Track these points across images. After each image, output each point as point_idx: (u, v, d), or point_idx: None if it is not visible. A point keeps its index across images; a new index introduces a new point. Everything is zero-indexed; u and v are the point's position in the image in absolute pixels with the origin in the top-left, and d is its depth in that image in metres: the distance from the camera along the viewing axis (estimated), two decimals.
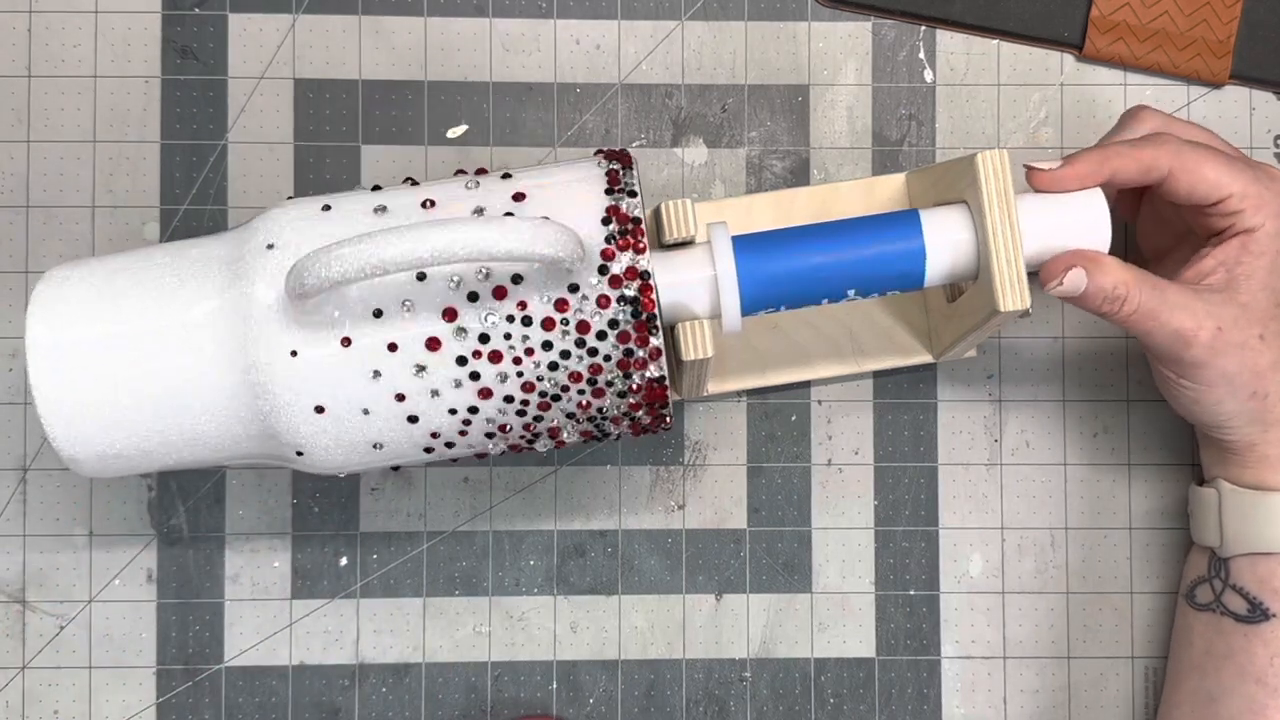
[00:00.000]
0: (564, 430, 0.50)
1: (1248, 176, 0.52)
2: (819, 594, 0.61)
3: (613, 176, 0.49)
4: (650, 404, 0.49)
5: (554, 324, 0.47)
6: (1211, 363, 0.52)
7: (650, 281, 0.47)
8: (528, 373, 0.47)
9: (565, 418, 0.49)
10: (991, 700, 0.61)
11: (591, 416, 0.49)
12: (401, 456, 0.50)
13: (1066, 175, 0.52)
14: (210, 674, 0.59)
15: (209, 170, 0.60)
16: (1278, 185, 0.53)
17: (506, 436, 0.49)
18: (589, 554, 0.60)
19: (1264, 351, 0.52)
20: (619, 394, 0.48)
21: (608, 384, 0.48)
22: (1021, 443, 0.61)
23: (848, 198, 0.59)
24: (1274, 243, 0.52)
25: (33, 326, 0.48)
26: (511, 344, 0.47)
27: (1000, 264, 0.50)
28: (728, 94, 0.61)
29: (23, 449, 0.60)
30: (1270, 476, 0.54)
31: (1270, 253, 0.52)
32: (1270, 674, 0.54)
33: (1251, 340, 0.52)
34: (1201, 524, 0.57)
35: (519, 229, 0.43)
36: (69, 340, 0.47)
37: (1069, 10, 0.61)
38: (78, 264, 0.50)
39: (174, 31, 0.60)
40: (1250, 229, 0.52)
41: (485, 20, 0.61)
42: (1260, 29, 0.61)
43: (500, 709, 0.60)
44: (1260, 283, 0.52)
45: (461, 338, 0.47)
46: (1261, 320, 0.52)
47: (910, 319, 0.60)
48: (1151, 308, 0.51)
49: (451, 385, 0.47)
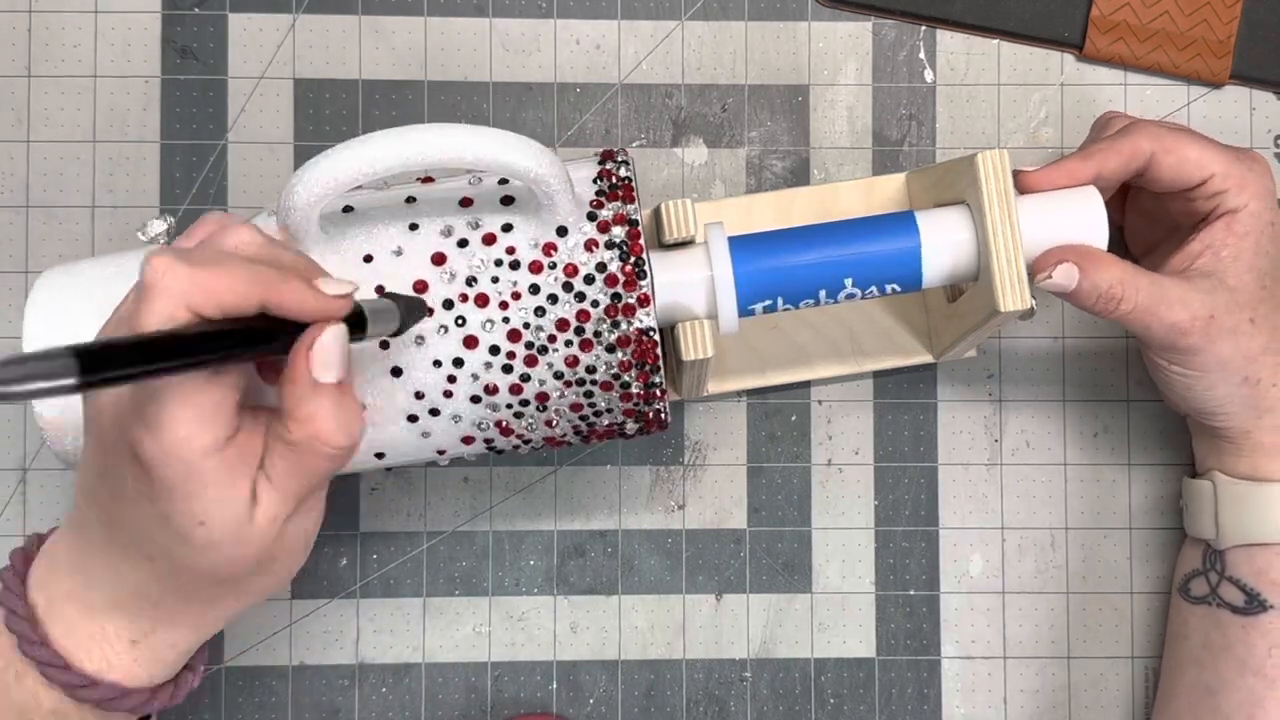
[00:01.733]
0: (551, 399, 0.49)
1: (1229, 157, 0.52)
2: (819, 594, 0.61)
3: (606, 155, 0.50)
4: (640, 364, 0.49)
5: (541, 267, 0.47)
6: (1206, 348, 0.52)
7: (638, 228, 0.48)
8: (514, 319, 0.47)
9: (553, 378, 0.48)
10: (992, 700, 0.61)
11: (581, 379, 0.48)
12: (387, 424, 0.48)
13: (1054, 172, 0.52)
14: (210, 674, 0.59)
15: (209, 170, 0.60)
16: (1259, 167, 0.53)
17: (494, 404, 0.49)
18: (589, 554, 0.60)
19: (1255, 336, 0.52)
20: (607, 348, 0.48)
21: (595, 335, 0.48)
22: (1021, 443, 0.61)
23: (847, 198, 0.59)
24: (1257, 222, 0.52)
25: (30, 326, 0.48)
26: (499, 288, 0.47)
27: (1000, 264, 0.50)
28: (728, 94, 0.61)
29: (22, 449, 0.60)
30: (1266, 465, 0.54)
31: (1254, 233, 0.52)
32: (1269, 665, 0.53)
33: (1243, 325, 0.52)
34: (1196, 517, 0.57)
35: (501, 135, 0.45)
36: (68, 339, 0.47)
37: (1069, 10, 0.61)
38: (76, 264, 0.50)
39: (174, 31, 0.60)
40: (1234, 209, 0.52)
41: (485, 20, 0.61)
42: (1260, 29, 0.61)
43: (500, 709, 0.60)
44: (1246, 264, 0.52)
45: (449, 280, 0.47)
46: (1251, 304, 0.52)
47: (910, 319, 0.60)
48: (1149, 304, 0.51)
49: (437, 331, 0.47)
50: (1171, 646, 0.58)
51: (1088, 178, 0.52)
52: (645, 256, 0.48)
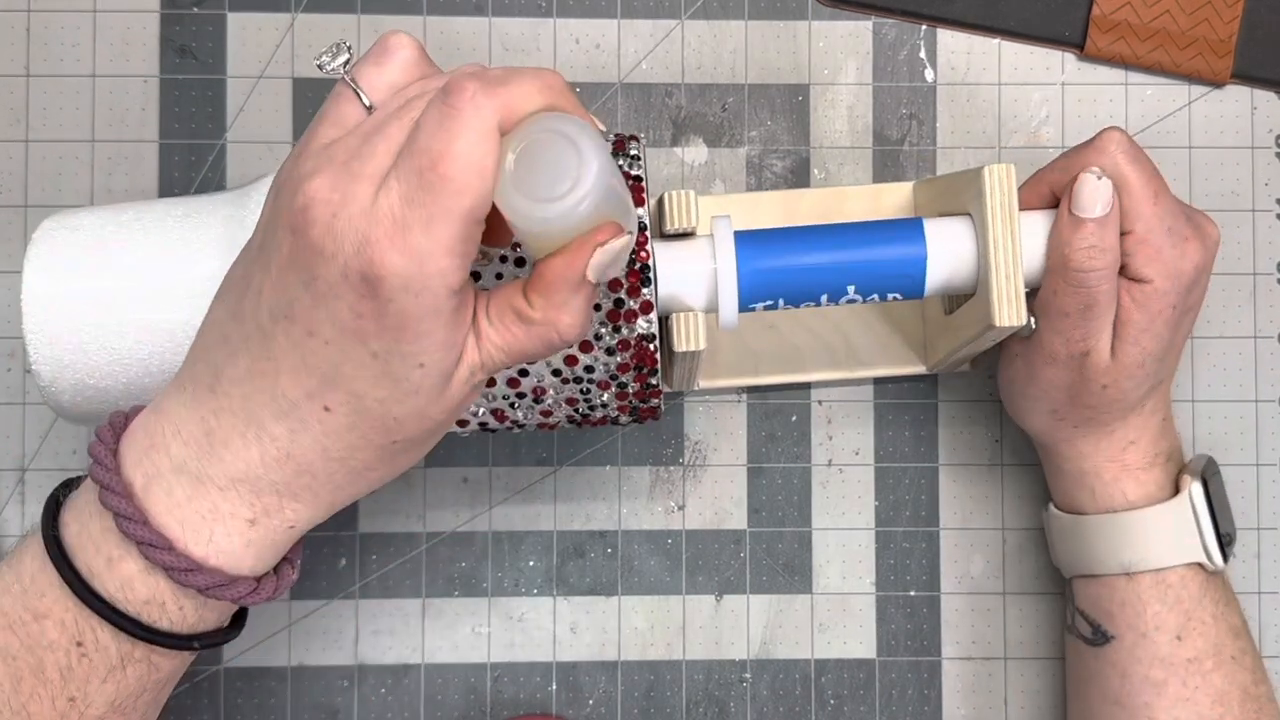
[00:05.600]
0: (549, 393, 0.49)
1: (1161, 226, 0.50)
2: (819, 595, 0.60)
3: (619, 144, 0.50)
4: (638, 367, 0.49)
5: None
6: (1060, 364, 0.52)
7: (646, 234, 0.47)
8: None
9: (551, 375, 0.48)
10: (992, 701, 0.61)
11: (579, 377, 0.48)
12: None
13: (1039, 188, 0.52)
14: (209, 675, 0.59)
15: (208, 170, 0.60)
16: (1191, 246, 0.50)
17: (491, 394, 0.49)
18: (589, 554, 0.60)
19: (1091, 390, 0.52)
20: (607, 350, 0.48)
21: (595, 337, 0.48)
22: (1022, 443, 0.61)
23: (854, 202, 0.59)
24: (1159, 301, 0.50)
25: (30, 275, 0.48)
26: (501, 282, 0.47)
27: (999, 279, 0.50)
28: (728, 93, 0.61)
29: (22, 449, 0.59)
30: (1081, 499, 0.55)
31: (1151, 310, 0.50)
32: (1125, 694, 0.53)
33: (1095, 380, 0.52)
34: (1050, 546, 0.58)
35: None
36: (67, 290, 0.48)
37: (1070, 9, 0.61)
38: (75, 214, 0.50)
39: (173, 31, 0.60)
40: (1139, 279, 0.50)
41: (485, 19, 0.61)
42: (1261, 28, 0.61)
43: (499, 710, 0.60)
44: (1132, 337, 0.51)
45: None
46: (1114, 373, 0.51)
47: (906, 328, 0.59)
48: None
49: None
50: (1066, 675, 0.59)
51: (1043, 203, 0.52)
52: (651, 263, 0.48)
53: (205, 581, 0.40)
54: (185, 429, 0.40)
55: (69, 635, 0.41)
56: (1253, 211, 0.61)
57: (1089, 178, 0.49)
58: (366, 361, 0.38)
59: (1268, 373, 0.61)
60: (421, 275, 0.36)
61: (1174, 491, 0.54)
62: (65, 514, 0.42)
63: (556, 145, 0.37)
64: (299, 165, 0.38)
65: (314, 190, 0.37)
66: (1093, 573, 0.54)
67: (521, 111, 0.37)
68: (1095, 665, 0.55)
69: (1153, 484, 0.54)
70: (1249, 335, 0.61)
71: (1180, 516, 0.53)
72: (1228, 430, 0.61)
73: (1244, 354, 0.61)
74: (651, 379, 0.49)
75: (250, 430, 0.40)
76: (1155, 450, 0.54)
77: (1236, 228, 0.61)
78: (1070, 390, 0.52)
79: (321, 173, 0.37)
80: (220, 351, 0.40)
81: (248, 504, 0.40)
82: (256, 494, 0.40)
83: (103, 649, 0.41)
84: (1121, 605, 0.53)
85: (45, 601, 0.41)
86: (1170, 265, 0.50)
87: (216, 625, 0.43)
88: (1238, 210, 0.61)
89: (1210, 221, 0.52)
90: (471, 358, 0.39)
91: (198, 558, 0.40)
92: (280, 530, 0.41)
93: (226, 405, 0.40)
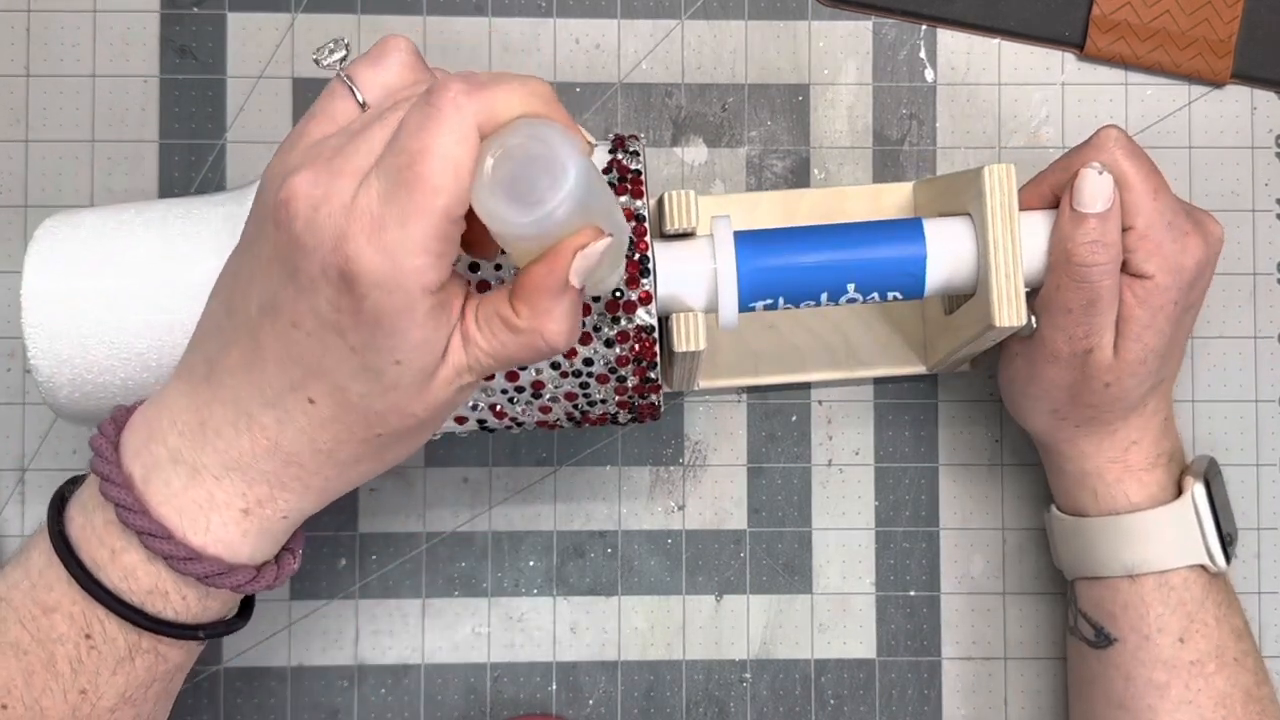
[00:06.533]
0: (547, 387, 0.49)
1: (1161, 221, 0.50)
2: (819, 595, 0.60)
3: (619, 141, 0.50)
4: (638, 360, 0.49)
5: None
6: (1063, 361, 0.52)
7: (645, 225, 0.47)
8: None
9: (550, 368, 0.48)
10: (992, 701, 0.61)
11: (578, 370, 0.48)
12: None
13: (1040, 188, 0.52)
14: (209, 675, 0.59)
15: (208, 170, 0.60)
16: (1193, 242, 0.50)
17: (489, 389, 0.49)
18: (589, 555, 0.60)
19: (1093, 389, 0.52)
20: (606, 342, 0.48)
21: (595, 329, 0.48)
22: (1022, 443, 0.61)
23: (854, 203, 0.59)
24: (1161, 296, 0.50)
25: (30, 274, 0.48)
26: (501, 274, 0.47)
27: (999, 279, 0.50)
28: (728, 93, 0.61)
29: (22, 449, 0.59)
30: (1083, 500, 0.55)
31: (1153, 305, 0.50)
32: (1128, 697, 0.53)
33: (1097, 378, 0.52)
34: (1052, 548, 0.58)
35: None
36: (68, 289, 0.48)
37: (1070, 9, 0.61)
38: (77, 213, 0.50)
39: (172, 31, 0.60)
40: (1140, 274, 0.50)
41: (485, 20, 0.61)
42: (1261, 28, 0.61)
43: (499, 710, 0.60)
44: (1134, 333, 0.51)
45: None
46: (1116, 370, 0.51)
47: (906, 328, 0.59)
48: None
49: None
50: (1068, 677, 0.59)
51: (1045, 204, 0.52)
52: (650, 254, 0.48)
53: (204, 570, 0.41)
54: (181, 420, 0.41)
55: (78, 628, 0.41)
56: (1253, 211, 0.61)
57: (1090, 173, 0.49)
58: (346, 355, 0.38)
59: (1268, 373, 0.61)
60: (395, 273, 0.37)
61: (1176, 493, 0.54)
62: (70, 508, 0.43)
63: (534, 150, 0.37)
64: (286, 159, 0.39)
65: (297, 184, 0.37)
66: (1095, 575, 0.54)
67: (503, 116, 0.37)
68: (1098, 668, 0.55)
69: (1155, 485, 0.54)
70: (1249, 335, 0.61)
71: (1183, 518, 0.53)
72: (1228, 430, 0.61)
73: (1244, 354, 0.61)
74: (650, 373, 0.49)
75: (241, 420, 0.40)
76: (1158, 450, 0.54)
77: (1236, 228, 0.61)
78: (1072, 389, 0.52)
79: (306, 167, 0.38)
80: (214, 343, 0.41)
81: (240, 494, 0.41)
82: (249, 484, 0.41)
83: (111, 640, 0.42)
84: (1124, 608, 0.53)
85: (53, 595, 0.42)
86: (1171, 260, 0.50)
87: (220, 615, 0.44)
88: (1238, 210, 0.61)
89: (1213, 220, 0.52)
90: (458, 360, 0.40)
91: (196, 546, 0.41)
92: (274, 520, 0.42)
93: (220, 396, 0.41)
